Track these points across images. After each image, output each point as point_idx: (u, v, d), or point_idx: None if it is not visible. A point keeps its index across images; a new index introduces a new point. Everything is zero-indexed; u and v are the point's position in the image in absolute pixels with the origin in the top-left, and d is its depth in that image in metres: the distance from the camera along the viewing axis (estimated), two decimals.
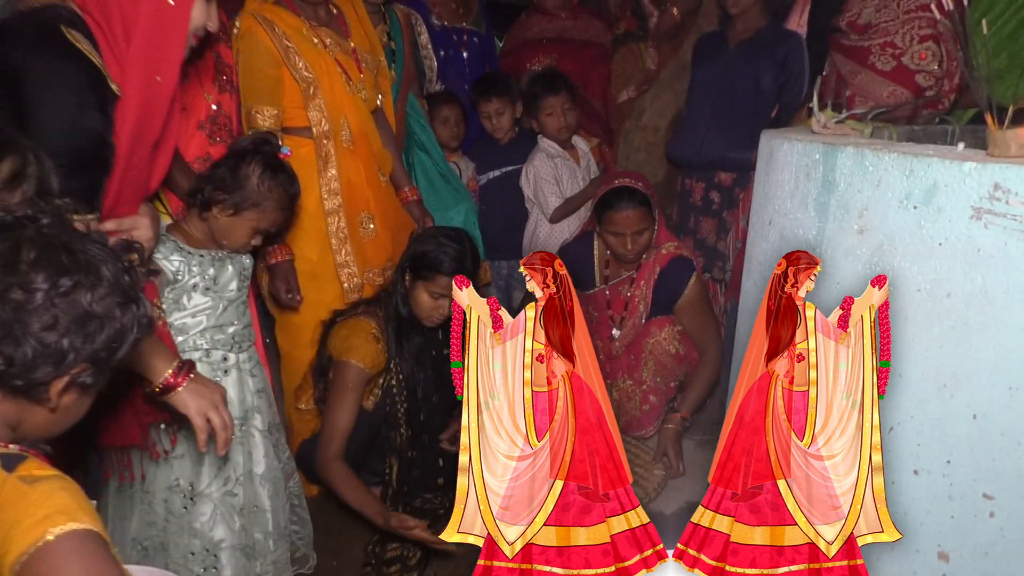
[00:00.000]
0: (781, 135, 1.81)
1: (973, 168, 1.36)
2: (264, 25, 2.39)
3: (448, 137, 3.34)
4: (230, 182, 1.91)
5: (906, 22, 2.55)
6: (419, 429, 2.40)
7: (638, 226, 2.79)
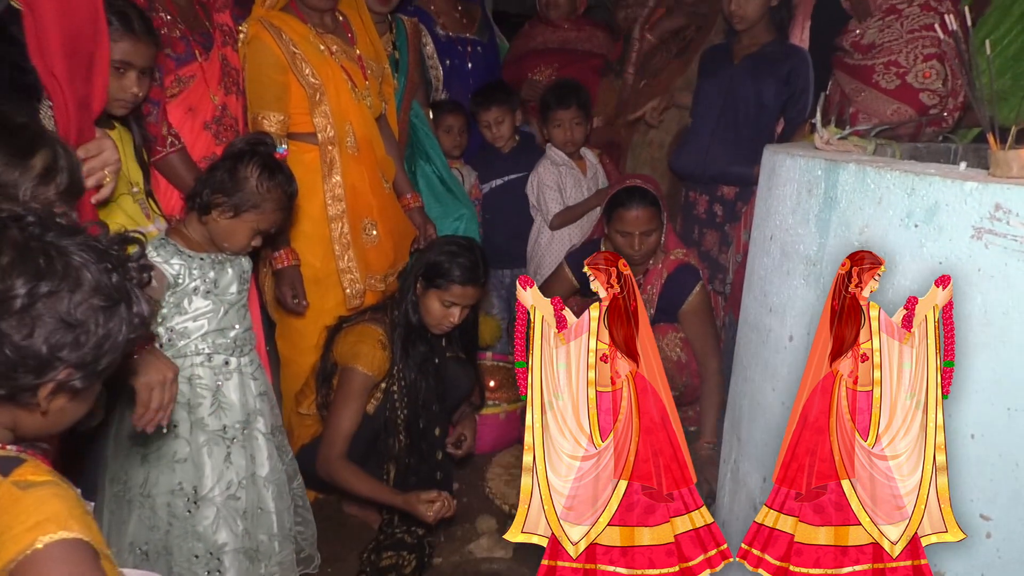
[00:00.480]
0: (784, 150, 1.81)
1: (974, 188, 1.36)
2: (271, 31, 2.40)
3: (451, 146, 3.37)
4: (229, 185, 1.91)
5: (910, 41, 2.56)
6: (417, 437, 2.41)
7: (646, 226, 2.81)
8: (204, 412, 1.96)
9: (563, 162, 3.45)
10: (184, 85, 2.22)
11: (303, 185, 2.47)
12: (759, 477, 1.78)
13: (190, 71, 2.22)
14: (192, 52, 2.22)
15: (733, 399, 1.99)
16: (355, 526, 2.56)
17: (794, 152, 1.75)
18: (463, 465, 2.83)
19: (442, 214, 3.08)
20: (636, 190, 2.85)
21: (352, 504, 2.61)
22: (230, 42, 2.35)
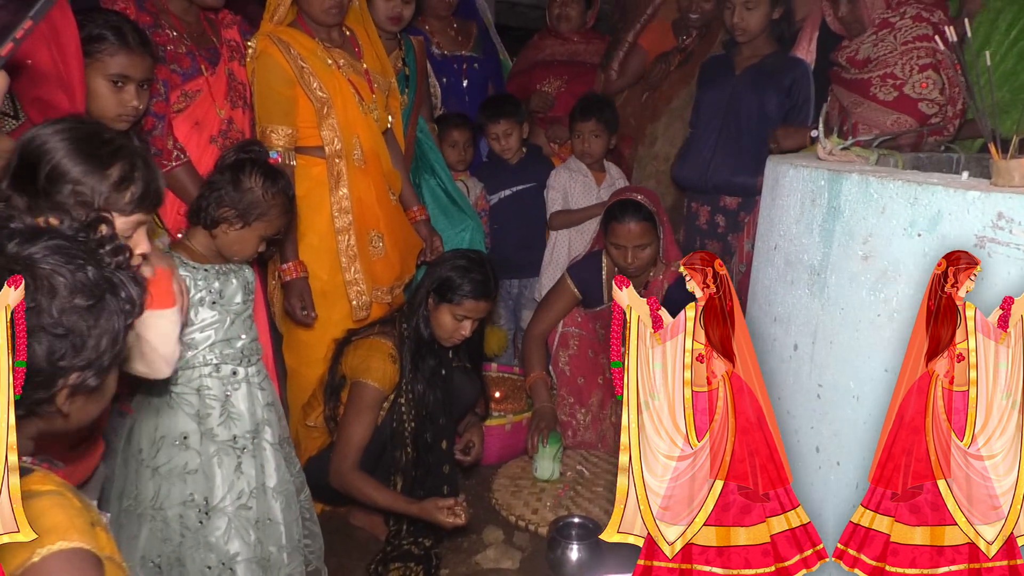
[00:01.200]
0: (787, 161, 1.82)
1: (977, 197, 1.37)
2: (280, 46, 2.43)
3: (456, 159, 3.40)
4: (235, 197, 1.93)
5: (904, 53, 2.58)
6: (424, 450, 2.42)
7: (639, 240, 2.84)
8: (214, 422, 1.97)
9: (578, 169, 3.52)
10: (190, 100, 2.25)
11: (310, 198, 2.52)
12: None
13: (196, 86, 2.25)
14: (198, 67, 2.25)
15: None
16: (362, 538, 2.57)
17: (797, 163, 1.76)
18: (469, 476, 2.84)
19: (448, 226, 3.11)
20: (630, 203, 2.87)
21: (358, 516, 2.61)
22: (237, 57, 2.38)
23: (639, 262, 2.88)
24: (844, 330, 1.57)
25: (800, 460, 1.66)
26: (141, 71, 1.93)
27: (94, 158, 1.39)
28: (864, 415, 1.53)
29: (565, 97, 3.77)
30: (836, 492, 1.59)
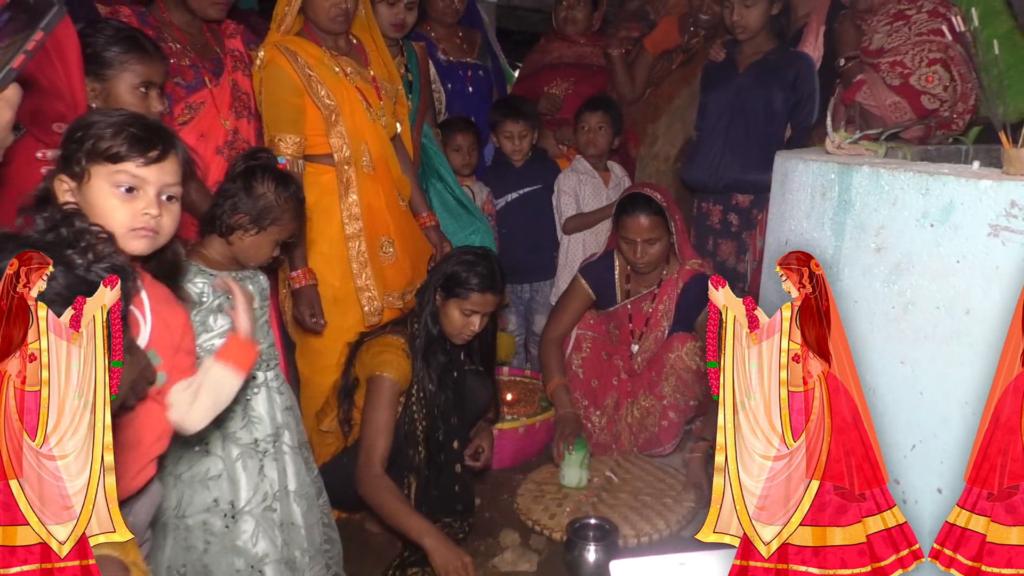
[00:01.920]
0: (796, 155, 1.81)
1: (989, 186, 1.35)
2: (287, 55, 2.44)
3: (461, 164, 3.41)
4: (249, 203, 1.94)
5: (917, 43, 2.57)
6: (436, 449, 2.42)
7: (649, 234, 2.84)
8: (236, 426, 1.98)
9: (585, 170, 3.54)
10: (195, 112, 2.26)
11: (320, 206, 2.53)
12: None
13: (200, 98, 2.26)
14: (202, 79, 2.26)
15: None
16: (377, 544, 2.56)
17: (807, 157, 1.75)
18: (481, 478, 2.84)
19: (457, 229, 3.11)
20: (640, 197, 2.89)
21: (374, 522, 2.61)
22: (240, 67, 2.39)
23: (648, 257, 2.88)
24: (858, 323, 1.56)
25: None
26: (161, 75, 1.97)
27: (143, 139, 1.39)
28: (881, 408, 1.52)
29: (572, 99, 3.77)
30: None
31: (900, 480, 1.51)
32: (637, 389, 3.03)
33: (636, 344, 3.07)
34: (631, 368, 3.07)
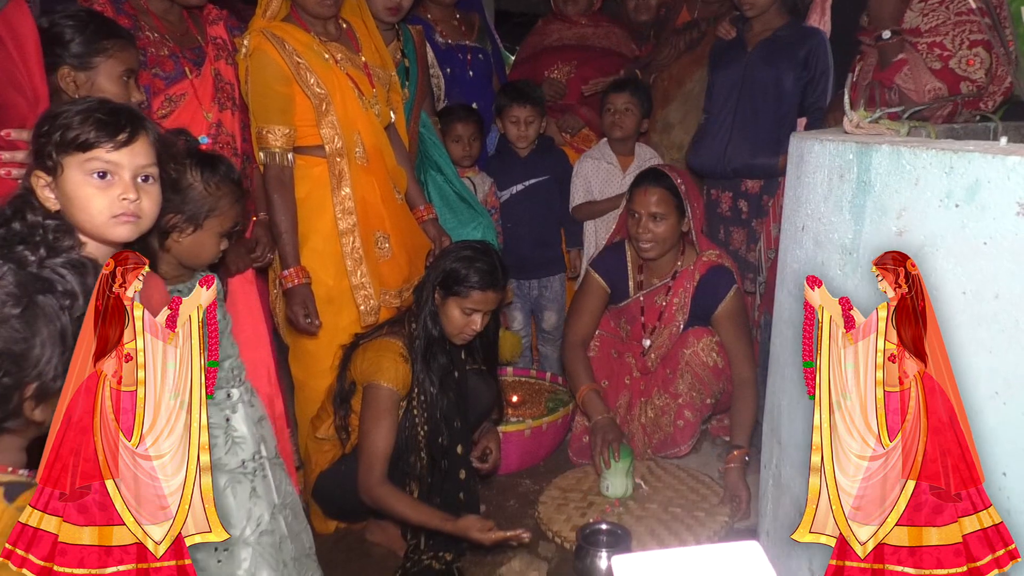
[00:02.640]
0: (812, 136, 1.74)
1: (1018, 162, 1.27)
2: (274, 42, 2.34)
3: (461, 155, 3.28)
4: (177, 200, 1.75)
5: (957, 24, 2.45)
6: (439, 455, 2.32)
7: (655, 208, 2.73)
8: (220, 452, 1.85)
9: (602, 156, 3.45)
10: (175, 104, 2.17)
11: (312, 200, 2.43)
12: (803, 481, 1.68)
13: (180, 89, 2.17)
14: (182, 69, 2.17)
15: (772, 401, 1.89)
16: (379, 555, 2.47)
17: (823, 137, 1.67)
18: (487, 483, 2.73)
19: (457, 224, 3.00)
20: (651, 171, 2.79)
21: (375, 532, 2.52)
22: (223, 55, 2.29)
23: (651, 234, 2.75)
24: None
25: None
26: (137, 63, 1.91)
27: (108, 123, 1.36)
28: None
29: (575, 84, 3.67)
30: None
31: None
32: (651, 388, 2.91)
33: (648, 339, 2.95)
34: (644, 366, 2.95)
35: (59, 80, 1.81)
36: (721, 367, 2.80)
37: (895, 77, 2.49)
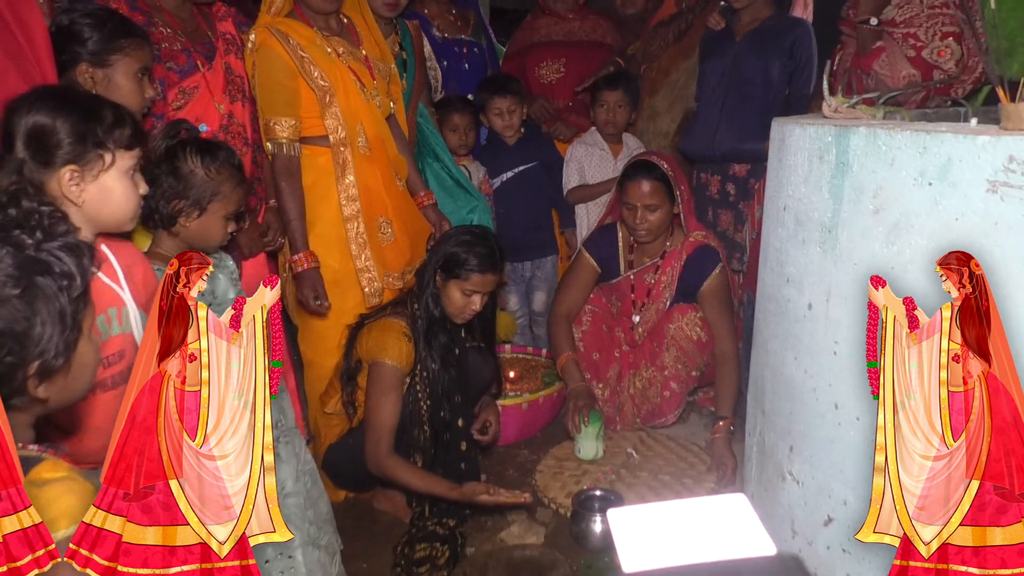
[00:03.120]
0: (793, 120, 1.81)
1: (987, 142, 1.35)
2: (278, 37, 2.42)
3: (458, 144, 3.39)
4: (179, 187, 1.83)
5: (930, 17, 2.55)
6: (441, 428, 2.43)
7: (650, 200, 2.83)
8: None
9: (594, 143, 3.55)
10: (188, 97, 2.24)
11: (317, 188, 2.52)
12: (786, 447, 1.79)
13: (193, 82, 2.24)
14: (194, 63, 2.24)
15: (755, 373, 1.99)
16: (386, 522, 2.58)
17: (804, 121, 1.75)
18: (487, 454, 2.85)
19: (455, 208, 3.10)
20: (644, 163, 2.88)
21: (382, 501, 2.63)
22: (233, 50, 2.37)
23: (647, 224, 2.87)
24: (858, 285, 1.56)
25: (819, 418, 1.66)
26: (151, 59, 1.97)
27: (83, 109, 1.43)
28: None
29: (564, 83, 3.75)
30: (856, 447, 1.59)
31: None
32: (639, 360, 3.04)
33: (637, 315, 3.07)
34: (632, 339, 3.08)
35: (77, 76, 1.87)
36: (705, 341, 2.92)
37: (873, 63, 2.60)
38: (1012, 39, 1.82)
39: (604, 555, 2.31)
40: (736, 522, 1.28)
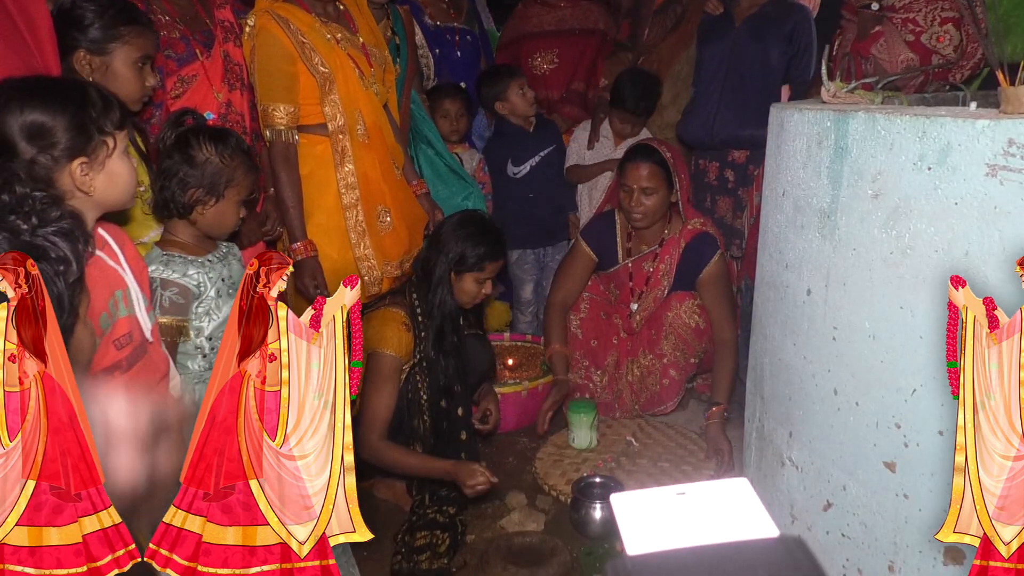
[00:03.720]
0: (792, 106, 1.81)
1: (986, 126, 1.35)
2: (279, 22, 2.40)
3: (449, 130, 3.39)
4: (196, 175, 1.85)
5: (930, 2, 2.55)
6: (441, 417, 2.43)
7: (647, 183, 2.83)
8: None
9: (603, 133, 3.58)
10: (187, 85, 2.23)
11: (315, 178, 2.52)
12: (785, 433, 1.79)
13: (192, 70, 2.23)
14: (193, 51, 2.23)
15: (754, 359, 1.99)
16: (387, 510, 2.59)
17: (802, 106, 1.75)
18: (487, 442, 2.86)
19: (450, 195, 3.11)
20: (642, 147, 2.88)
21: (382, 489, 2.63)
22: (232, 38, 2.35)
23: (643, 208, 2.86)
24: (857, 270, 1.56)
25: (819, 403, 1.66)
26: (155, 49, 1.96)
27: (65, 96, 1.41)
28: (881, 354, 1.53)
29: (557, 74, 3.75)
30: (855, 432, 1.59)
31: (901, 424, 1.52)
32: (637, 348, 3.04)
33: (635, 303, 3.07)
34: (630, 327, 3.08)
35: (74, 63, 1.86)
36: (703, 328, 2.93)
37: (872, 47, 2.59)
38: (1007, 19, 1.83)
39: (604, 542, 2.32)
40: (738, 505, 1.28)
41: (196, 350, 1.92)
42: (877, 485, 1.58)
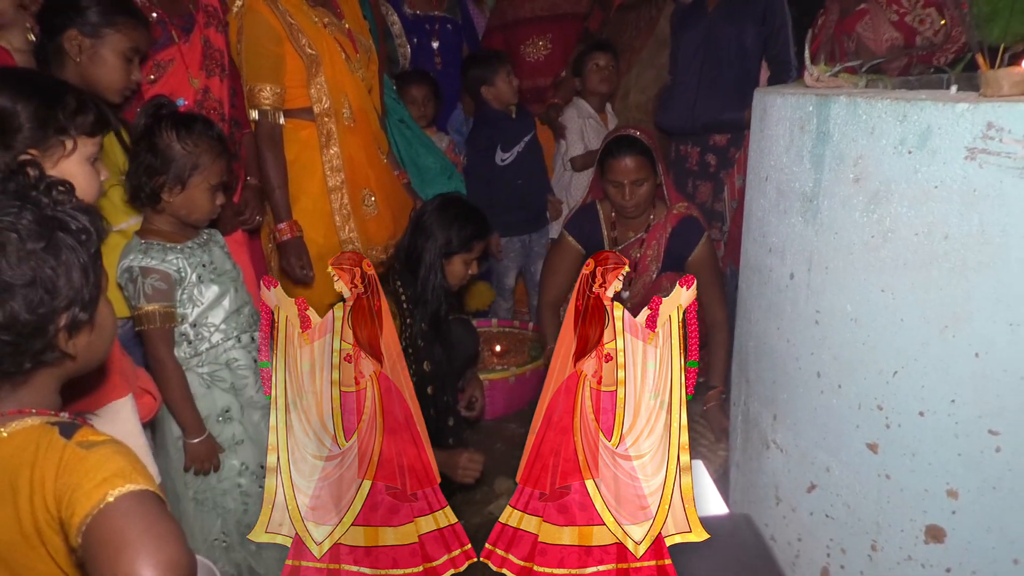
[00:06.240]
0: (774, 91, 1.81)
1: (966, 109, 1.35)
2: (267, 2, 2.39)
3: (418, 116, 3.40)
4: (158, 163, 1.84)
5: None
6: (428, 404, 2.43)
7: (636, 175, 2.82)
8: (251, 391, 1.99)
9: (588, 114, 3.59)
10: (163, 70, 2.20)
11: (300, 162, 2.51)
12: (769, 415, 1.80)
13: (168, 55, 2.21)
14: (170, 35, 2.20)
15: (739, 342, 2.00)
16: None
17: (785, 91, 1.75)
18: (475, 428, 2.86)
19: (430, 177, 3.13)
20: (625, 139, 2.87)
21: None
22: (214, 23, 2.33)
23: (636, 198, 2.86)
24: (839, 254, 1.57)
25: (802, 386, 1.67)
26: (146, 43, 1.96)
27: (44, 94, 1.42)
28: (863, 336, 1.54)
29: (550, 61, 3.75)
30: (839, 414, 1.60)
31: (883, 405, 1.53)
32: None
33: (626, 291, 3.07)
34: None
35: (64, 41, 1.85)
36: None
37: (856, 25, 2.60)
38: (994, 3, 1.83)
39: None
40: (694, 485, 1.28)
41: (181, 336, 1.92)
42: (860, 466, 1.59)
